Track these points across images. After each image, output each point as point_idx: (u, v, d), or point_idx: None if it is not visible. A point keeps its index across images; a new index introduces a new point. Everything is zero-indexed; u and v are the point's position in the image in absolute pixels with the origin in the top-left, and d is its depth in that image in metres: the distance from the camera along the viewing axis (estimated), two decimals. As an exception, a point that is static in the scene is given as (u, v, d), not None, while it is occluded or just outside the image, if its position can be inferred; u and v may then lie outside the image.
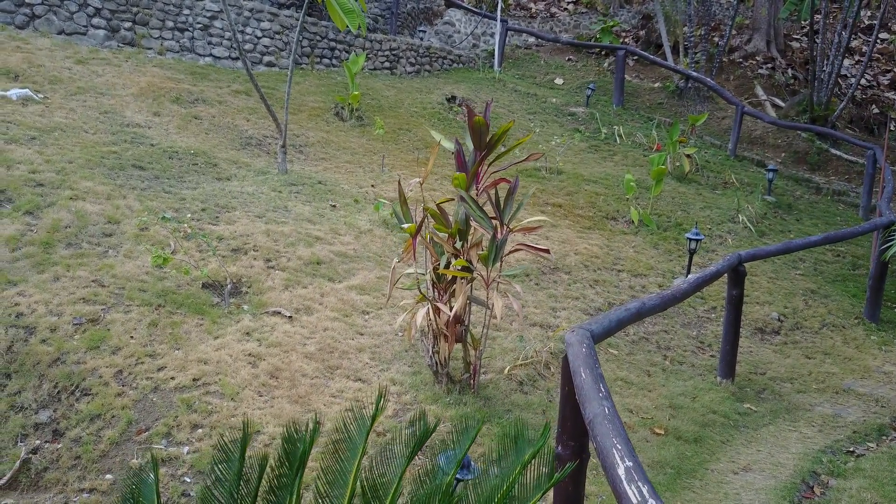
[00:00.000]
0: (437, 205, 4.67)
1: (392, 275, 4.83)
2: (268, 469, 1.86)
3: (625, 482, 2.31)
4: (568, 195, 9.86)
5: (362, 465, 1.88)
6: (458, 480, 2.30)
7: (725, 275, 5.97)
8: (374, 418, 1.80)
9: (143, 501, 1.86)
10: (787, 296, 8.21)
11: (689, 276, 5.53)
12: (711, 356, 6.68)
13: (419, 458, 3.41)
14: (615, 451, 2.45)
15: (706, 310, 7.63)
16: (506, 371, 5.38)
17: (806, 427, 5.60)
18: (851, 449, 5.15)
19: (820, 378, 6.65)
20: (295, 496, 1.75)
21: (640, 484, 2.29)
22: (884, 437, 5.40)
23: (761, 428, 5.53)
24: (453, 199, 4.75)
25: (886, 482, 4.48)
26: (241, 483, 1.72)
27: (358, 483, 1.78)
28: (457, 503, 1.71)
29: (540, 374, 5.49)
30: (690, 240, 7.46)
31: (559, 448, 3.31)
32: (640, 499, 2.23)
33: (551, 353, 5.74)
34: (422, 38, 15.66)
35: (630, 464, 2.39)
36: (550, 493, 3.44)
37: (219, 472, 1.84)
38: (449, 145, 4.88)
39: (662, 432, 5.10)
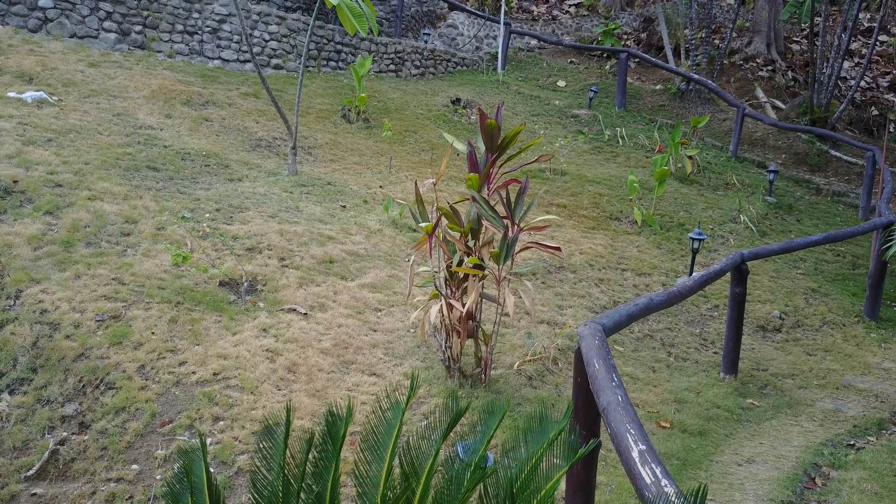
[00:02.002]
0: (450, 205, 4.82)
1: (410, 272, 4.98)
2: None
3: (639, 464, 2.46)
4: (572, 196, 10.01)
5: (397, 444, 2.03)
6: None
7: (728, 273, 6.12)
8: (408, 399, 1.94)
9: (194, 478, 2.02)
10: (788, 294, 8.36)
11: (694, 274, 5.68)
12: (714, 353, 6.83)
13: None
14: (629, 436, 2.60)
15: (709, 308, 7.78)
16: (515, 366, 5.52)
17: (807, 421, 5.74)
18: (852, 442, 5.28)
19: (821, 374, 6.80)
20: (335, 470, 1.90)
21: (653, 465, 2.44)
22: (883, 431, 5.54)
23: (764, 422, 5.68)
24: (467, 200, 4.90)
25: (886, 473, 4.62)
26: (287, 456, 1.87)
27: (395, 459, 1.92)
28: (489, 476, 1.86)
29: (548, 369, 5.64)
30: (693, 239, 7.60)
31: (571, 437, 3.46)
32: (653, 479, 2.37)
33: (559, 350, 5.89)
34: (426, 41, 15.82)
35: (643, 447, 2.53)
36: (563, 484, 3.58)
37: (264, 450, 1.98)
38: (461, 147, 5.02)
39: (668, 425, 5.25)
